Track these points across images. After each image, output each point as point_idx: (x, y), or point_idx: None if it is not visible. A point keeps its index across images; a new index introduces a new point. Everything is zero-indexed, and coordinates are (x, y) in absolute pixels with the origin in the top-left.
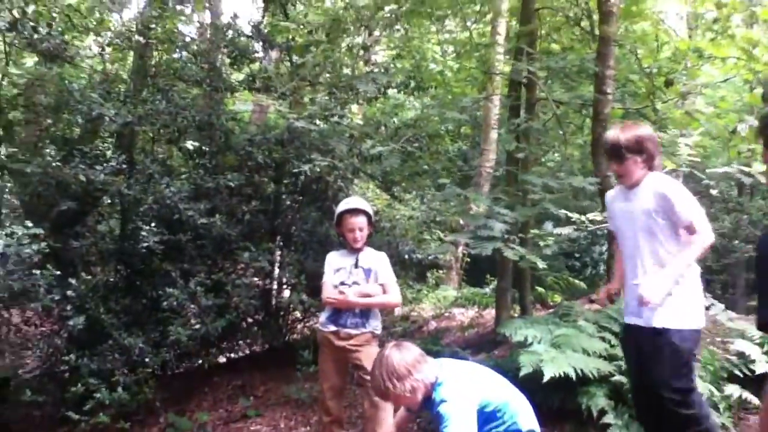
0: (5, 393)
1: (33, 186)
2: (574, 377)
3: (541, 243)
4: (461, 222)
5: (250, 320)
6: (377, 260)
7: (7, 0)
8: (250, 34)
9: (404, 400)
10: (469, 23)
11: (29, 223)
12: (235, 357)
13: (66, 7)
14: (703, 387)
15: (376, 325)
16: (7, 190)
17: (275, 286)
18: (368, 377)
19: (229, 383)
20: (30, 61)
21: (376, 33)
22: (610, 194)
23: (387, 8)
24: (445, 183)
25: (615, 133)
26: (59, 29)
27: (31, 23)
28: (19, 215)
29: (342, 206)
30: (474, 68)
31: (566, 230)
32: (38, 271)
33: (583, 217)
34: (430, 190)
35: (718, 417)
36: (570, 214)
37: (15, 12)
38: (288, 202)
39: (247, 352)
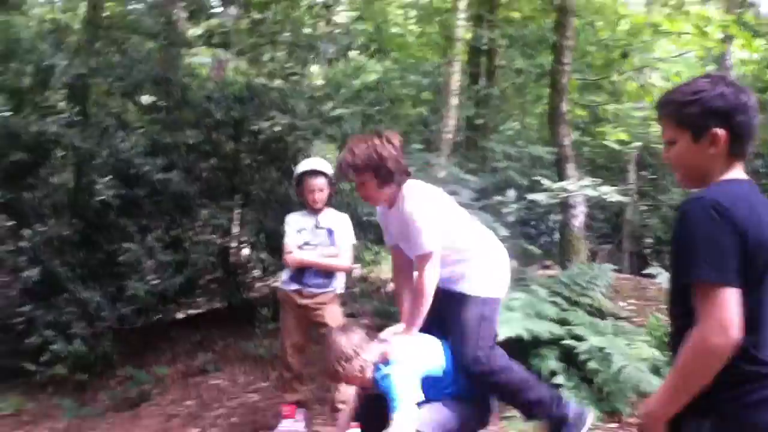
0: None
1: None
2: (526, 339)
3: (505, 210)
4: None
5: (208, 277)
6: (338, 221)
7: None
8: None
9: (355, 380)
10: None
11: None
12: (193, 313)
13: None
14: (647, 351)
15: (338, 284)
16: None
17: (234, 244)
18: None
19: (188, 339)
20: None
21: None
22: (378, 209)
23: None
24: (417, 147)
25: (343, 154)
26: None
27: None
28: None
29: (301, 167)
30: (435, 33)
31: (540, 197)
32: None
33: (555, 185)
34: None
35: (661, 380)
36: (544, 181)
37: None
38: (247, 161)
39: (206, 308)
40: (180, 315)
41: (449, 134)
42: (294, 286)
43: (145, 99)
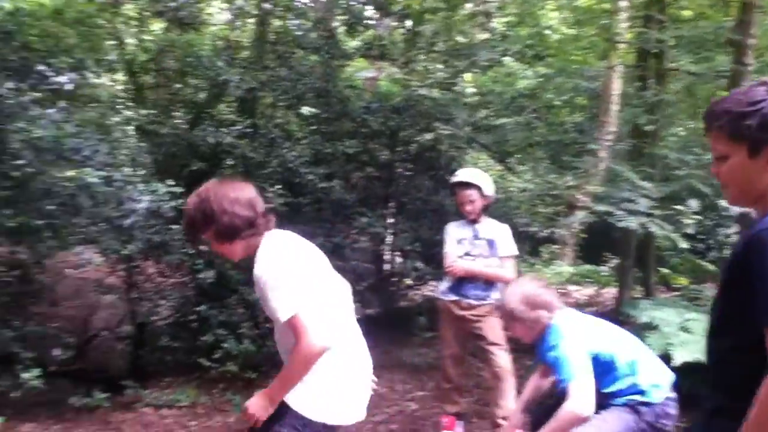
0: (144, 337)
1: (166, 146)
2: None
3: (687, 221)
4: (578, 197)
5: (363, 284)
6: (499, 232)
7: None
8: (365, 0)
9: (521, 329)
10: None
11: (170, 181)
12: None
13: None
14: None
15: (496, 296)
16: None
17: (387, 252)
18: (489, 347)
19: None
20: (157, 26)
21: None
22: None
23: None
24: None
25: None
26: None
27: None
28: (153, 174)
29: (453, 178)
30: (594, 35)
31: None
32: (175, 226)
33: None
34: (545, 162)
35: None
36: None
37: None
38: (400, 170)
39: (360, 315)
40: None
41: (608, 142)
42: (452, 297)
43: (307, 110)
